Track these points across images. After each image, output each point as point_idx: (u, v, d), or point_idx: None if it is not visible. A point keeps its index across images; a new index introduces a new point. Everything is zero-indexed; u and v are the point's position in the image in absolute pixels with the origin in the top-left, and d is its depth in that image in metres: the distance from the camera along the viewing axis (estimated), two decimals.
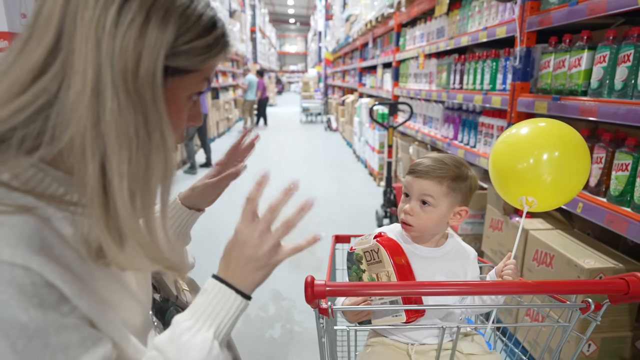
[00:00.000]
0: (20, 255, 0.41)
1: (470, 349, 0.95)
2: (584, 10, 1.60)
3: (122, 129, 0.44)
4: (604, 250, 1.64)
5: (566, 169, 0.98)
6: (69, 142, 0.44)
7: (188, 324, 0.53)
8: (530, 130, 1.03)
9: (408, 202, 0.98)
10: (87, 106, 0.43)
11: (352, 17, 7.89)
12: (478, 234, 2.51)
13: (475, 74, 2.63)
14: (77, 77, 0.43)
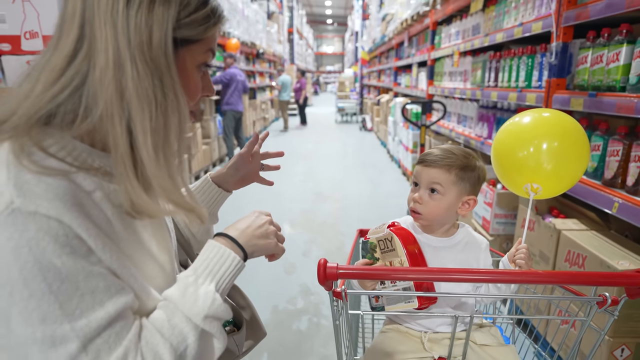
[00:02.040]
0: (55, 208, 0.48)
1: (484, 340, 0.95)
2: (622, 3, 1.54)
3: (143, 92, 0.52)
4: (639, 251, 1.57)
5: (566, 156, 0.98)
6: (101, 112, 0.52)
7: (192, 279, 0.59)
8: (532, 119, 1.03)
9: (417, 191, 1.00)
10: (112, 78, 0.51)
11: (388, 16, 7.85)
12: (510, 235, 2.46)
13: (510, 71, 2.57)
14: (100, 55, 0.51)
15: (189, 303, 0.57)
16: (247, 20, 8.25)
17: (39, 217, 0.47)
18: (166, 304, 0.58)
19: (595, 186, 1.70)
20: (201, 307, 0.57)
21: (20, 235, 0.46)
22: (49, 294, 0.47)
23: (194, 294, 0.57)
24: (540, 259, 1.96)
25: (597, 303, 0.83)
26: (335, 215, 4.04)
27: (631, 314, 1.46)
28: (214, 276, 0.60)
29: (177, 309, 0.56)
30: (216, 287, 0.59)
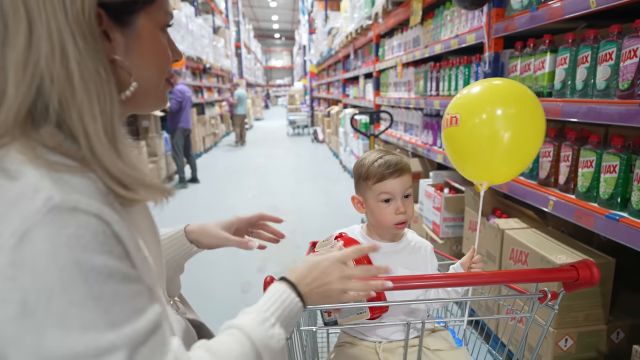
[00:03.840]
0: (94, 204, 0.44)
1: (436, 345, 0.97)
2: (544, 15, 1.66)
3: (87, 74, 0.48)
4: (576, 246, 1.68)
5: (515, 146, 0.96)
6: (58, 107, 0.48)
7: (268, 314, 0.60)
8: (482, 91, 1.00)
9: (393, 204, 0.99)
10: (59, 65, 0.47)
11: (334, 30, 8.03)
12: (459, 237, 2.54)
13: (449, 80, 2.69)
14: (43, 42, 0.47)
15: (264, 336, 0.57)
16: (192, 35, 8.10)
17: (78, 213, 0.43)
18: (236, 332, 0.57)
19: (531, 186, 1.80)
20: (274, 345, 0.58)
21: (59, 234, 0.41)
22: (91, 299, 0.42)
23: (270, 329, 0.58)
24: (487, 259, 2.04)
25: (539, 299, 0.87)
26: (291, 228, 4.01)
27: (572, 305, 1.55)
28: (283, 322, 0.61)
29: (249, 337, 0.56)
30: (284, 332, 0.61)
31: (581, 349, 1.57)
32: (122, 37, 0.54)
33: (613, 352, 1.60)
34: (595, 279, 0.81)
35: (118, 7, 0.52)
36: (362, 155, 1.07)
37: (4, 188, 0.43)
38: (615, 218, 1.33)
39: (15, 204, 0.42)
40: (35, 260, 0.41)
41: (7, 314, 0.40)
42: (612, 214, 1.36)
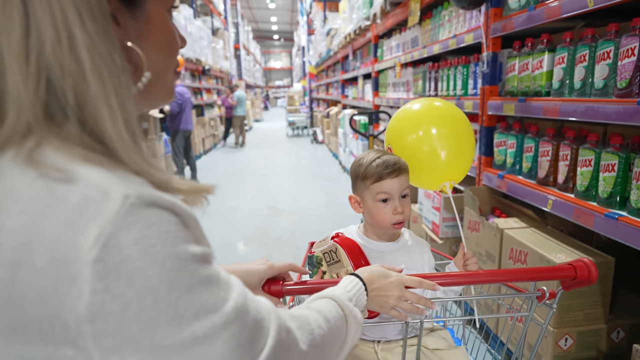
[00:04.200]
0: (164, 198, 0.41)
1: (435, 344, 0.97)
2: (542, 15, 1.66)
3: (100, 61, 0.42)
4: (575, 245, 1.68)
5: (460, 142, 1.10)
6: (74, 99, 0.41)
7: (349, 295, 0.68)
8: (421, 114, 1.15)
9: (391, 204, 0.99)
10: (68, 52, 0.41)
11: (333, 31, 8.03)
12: (458, 237, 2.54)
13: (448, 80, 2.69)
14: (46, 27, 0.40)
15: (351, 310, 0.65)
16: (190, 37, 8.11)
17: (157, 209, 0.40)
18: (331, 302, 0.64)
19: (530, 185, 1.80)
20: (354, 319, 0.65)
21: (147, 234, 0.38)
22: (195, 286, 0.41)
23: (353, 306, 0.66)
24: (487, 259, 2.04)
25: (537, 297, 0.87)
26: (291, 230, 4.00)
27: (571, 304, 1.55)
28: (356, 306, 0.69)
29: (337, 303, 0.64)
30: None
31: (581, 348, 1.57)
32: (132, 21, 0.48)
33: (613, 352, 1.60)
34: (592, 277, 0.82)
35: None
36: (359, 155, 1.07)
37: (60, 193, 0.38)
38: (614, 217, 1.33)
39: (84, 211, 0.37)
40: (129, 267, 0.37)
41: (110, 328, 0.37)
42: (611, 213, 1.36)
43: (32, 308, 0.37)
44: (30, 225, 0.37)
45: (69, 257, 0.36)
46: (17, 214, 0.37)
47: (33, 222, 0.37)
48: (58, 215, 0.37)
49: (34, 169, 0.38)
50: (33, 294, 0.36)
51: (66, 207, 0.37)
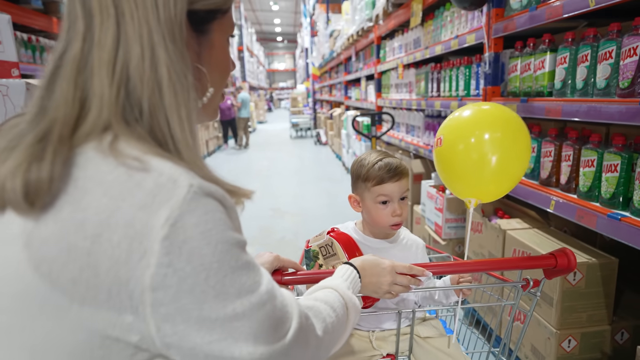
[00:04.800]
0: (217, 190, 0.47)
1: (427, 333, 1.02)
2: (543, 15, 1.66)
3: (175, 77, 0.49)
4: (578, 246, 1.67)
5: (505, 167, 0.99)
6: (148, 108, 0.48)
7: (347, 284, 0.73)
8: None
9: (390, 206, 1.02)
10: (149, 68, 0.48)
11: (335, 33, 8.04)
12: (461, 238, 2.53)
13: (450, 81, 2.69)
14: (134, 45, 0.47)
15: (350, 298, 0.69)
16: None
17: (212, 199, 0.46)
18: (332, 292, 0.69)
19: (533, 186, 1.79)
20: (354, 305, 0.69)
21: (205, 219, 0.45)
22: (238, 268, 0.47)
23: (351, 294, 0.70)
24: None
25: (522, 286, 0.93)
26: (294, 231, 4.00)
27: (574, 305, 1.54)
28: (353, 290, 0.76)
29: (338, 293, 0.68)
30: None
31: (585, 350, 1.56)
32: (198, 45, 0.56)
33: (617, 353, 1.59)
34: (572, 265, 0.86)
35: (203, 15, 0.54)
36: (360, 155, 1.09)
37: (137, 179, 0.44)
38: (617, 217, 1.32)
39: (157, 195, 0.43)
40: (190, 246, 0.43)
41: (166, 297, 0.43)
42: (614, 214, 1.35)
43: (105, 276, 0.42)
44: (111, 206, 0.43)
45: (142, 233, 0.42)
46: (101, 196, 0.43)
47: (114, 203, 0.43)
48: (134, 198, 0.43)
49: (114, 158, 0.45)
50: (107, 264, 0.42)
51: (142, 192, 0.43)
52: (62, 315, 0.43)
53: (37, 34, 3.31)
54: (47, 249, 0.43)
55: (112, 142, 0.46)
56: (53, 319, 0.43)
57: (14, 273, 0.43)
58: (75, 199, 0.43)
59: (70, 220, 0.43)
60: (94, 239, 0.42)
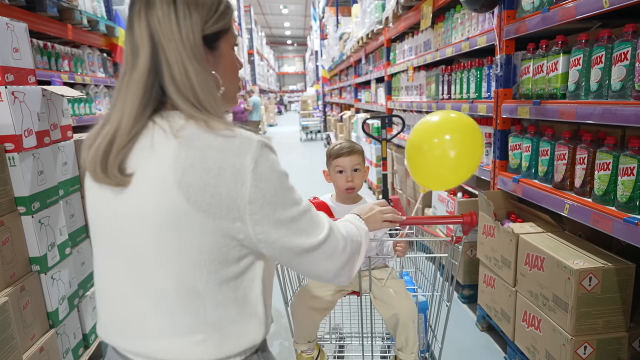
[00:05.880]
0: (270, 142, 0.74)
1: (381, 275, 1.46)
2: (556, 16, 1.64)
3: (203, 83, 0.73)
4: (593, 250, 1.64)
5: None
6: (199, 104, 0.73)
7: (355, 217, 0.99)
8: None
9: (344, 175, 1.48)
10: (186, 81, 0.72)
11: (345, 35, 8.04)
12: (473, 242, 2.51)
13: (461, 83, 2.67)
14: (174, 66, 0.72)
15: (363, 230, 0.94)
16: None
17: (268, 148, 0.72)
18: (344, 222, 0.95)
19: (547, 189, 1.77)
20: (366, 238, 0.94)
21: (268, 159, 0.71)
22: (289, 189, 0.74)
23: (364, 227, 0.96)
24: (502, 264, 2.00)
25: (448, 241, 1.29)
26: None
27: (589, 311, 1.51)
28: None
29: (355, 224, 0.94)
30: None
31: (601, 357, 1.53)
32: (213, 58, 0.78)
33: None
34: (473, 222, 1.17)
35: (212, 37, 0.76)
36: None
37: (231, 141, 0.69)
38: (634, 222, 1.30)
39: (243, 148, 0.69)
40: (265, 175, 0.70)
41: (257, 207, 0.69)
42: (630, 218, 1.32)
43: (224, 199, 0.68)
44: (222, 157, 0.68)
45: (240, 170, 0.68)
46: (215, 152, 0.68)
47: (223, 156, 0.68)
48: (232, 151, 0.69)
49: (212, 132, 0.69)
50: (225, 191, 0.68)
51: (235, 147, 0.69)
52: (203, 226, 0.68)
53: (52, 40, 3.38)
54: (192, 188, 0.67)
55: (205, 121, 0.70)
56: (197, 229, 0.68)
57: (173, 205, 0.67)
58: (201, 158, 0.68)
59: (201, 168, 0.67)
60: (217, 177, 0.67)
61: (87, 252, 2.13)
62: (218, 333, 0.71)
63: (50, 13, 2.87)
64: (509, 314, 1.98)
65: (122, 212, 0.71)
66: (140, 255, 0.70)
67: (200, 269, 0.69)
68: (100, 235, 0.76)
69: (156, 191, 0.67)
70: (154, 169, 0.68)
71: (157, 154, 0.69)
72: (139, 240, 0.70)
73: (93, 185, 0.74)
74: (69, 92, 1.90)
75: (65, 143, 1.95)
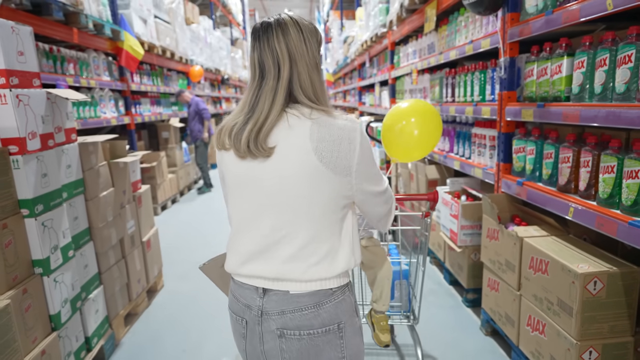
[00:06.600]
0: None
1: (367, 244, 1.58)
2: (559, 19, 1.63)
3: (318, 83, 1.02)
4: (598, 254, 1.62)
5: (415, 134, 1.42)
6: (314, 99, 1.01)
7: None
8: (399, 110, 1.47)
9: None
10: (309, 83, 1.00)
11: (349, 39, 8.05)
12: (477, 245, 2.49)
13: (465, 86, 2.66)
14: (303, 76, 0.99)
15: None
16: (210, 47, 8.27)
17: (364, 131, 1.01)
18: None
19: (551, 192, 1.75)
20: None
21: (365, 135, 1.00)
22: (373, 156, 1.03)
23: None
24: (506, 268, 1.99)
25: (420, 216, 1.67)
26: None
27: (595, 316, 1.49)
28: None
29: None
30: None
31: None
32: (317, 70, 1.06)
33: None
34: (436, 199, 1.53)
35: (319, 56, 1.05)
36: None
37: (346, 123, 0.98)
38: (639, 225, 1.28)
39: (354, 128, 0.98)
40: (365, 145, 0.99)
41: (360, 166, 0.98)
42: (635, 221, 1.31)
43: (343, 161, 0.96)
44: (342, 132, 0.96)
45: (353, 141, 0.97)
46: (337, 129, 0.96)
47: (342, 131, 0.96)
48: (348, 128, 0.97)
49: (333, 117, 0.98)
50: (343, 155, 0.96)
51: (349, 126, 0.98)
52: (328, 178, 0.96)
53: (58, 44, 3.41)
54: (324, 153, 0.95)
55: (326, 112, 0.99)
56: (325, 180, 0.96)
57: (311, 163, 0.95)
58: (329, 133, 0.96)
59: (329, 140, 0.95)
60: (339, 146, 0.96)
61: (90, 254, 2.14)
62: (332, 255, 1.01)
63: (56, 17, 2.90)
64: (513, 318, 1.96)
65: (267, 174, 0.97)
66: (285, 204, 0.98)
67: (329, 209, 0.99)
68: (243, 193, 1.02)
69: (298, 154, 0.95)
70: (295, 140, 0.95)
71: (296, 131, 0.96)
72: (284, 192, 0.97)
73: (235, 160, 1.01)
74: (73, 95, 1.92)
75: (70, 146, 1.96)
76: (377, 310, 1.60)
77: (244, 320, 1.04)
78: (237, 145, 0.98)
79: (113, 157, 2.55)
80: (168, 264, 3.53)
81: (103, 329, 2.16)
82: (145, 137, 5.94)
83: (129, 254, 2.59)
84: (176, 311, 2.79)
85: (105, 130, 4.56)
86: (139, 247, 2.77)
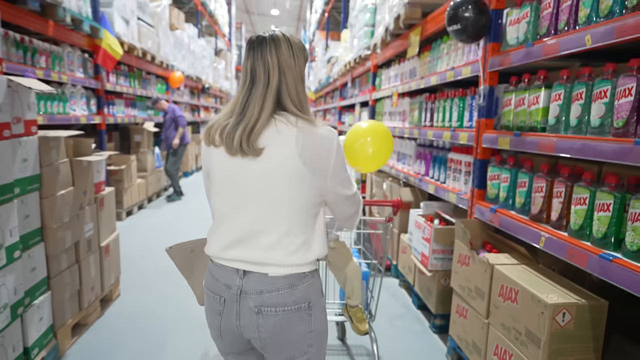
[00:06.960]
0: None
1: (335, 246, 1.76)
2: (539, 51, 1.67)
3: (301, 91, 1.14)
4: (567, 285, 1.62)
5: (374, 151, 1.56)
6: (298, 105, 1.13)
7: None
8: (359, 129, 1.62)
9: None
10: (295, 91, 1.12)
11: (333, 59, 8.15)
12: (447, 270, 2.47)
13: (444, 111, 2.69)
14: (290, 85, 1.11)
15: None
16: (193, 55, 8.18)
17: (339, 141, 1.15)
18: None
19: (523, 221, 1.76)
20: None
21: (339, 144, 1.13)
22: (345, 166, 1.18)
23: None
24: (476, 295, 1.97)
25: (384, 221, 1.84)
26: None
27: (562, 348, 1.47)
28: None
29: None
30: None
31: None
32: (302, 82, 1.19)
33: None
34: (399, 205, 1.81)
35: (304, 70, 1.16)
36: None
37: (326, 131, 1.12)
38: (609, 258, 1.28)
39: (332, 137, 1.12)
40: (340, 153, 1.13)
41: (334, 170, 1.13)
42: (605, 254, 1.31)
43: (322, 164, 1.10)
44: (323, 140, 1.11)
45: (331, 149, 1.12)
46: (319, 138, 1.10)
47: (322, 140, 1.11)
48: (327, 137, 1.12)
49: (315, 126, 1.11)
50: (322, 159, 1.10)
51: (328, 135, 1.12)
52: (309, 180, 1.09)
53: (31, 35, 3.26)
54: (307, 157, 1.07)
55: (307, 120, 1.10)
56: (306, 182, 1.09)
57: (296, 166, 1.07)
58: (312, 140, 1.08)
59: (312, 146, 1.08)
60: (320, 151, 1.09)
61: (40, 256, 1.99)
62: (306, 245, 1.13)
63: (32, 7, 2.78)
64: (480, 346, 1.93)
65: (255, 171, 1.08)
66: (269, 199, 1.09)
67: (306, 206, 1.11)
68: (230, 187, 1.12)
69: (284, 158, 1.06)
70: (281, 145, 1.07)
71: (283, 136, 1.07)
72: (268, 189, 1.08)
73: (225, 156, 1.10)
74: (38, 85, 1.81)
75: (28, 139, 1.84)
76: (352, 305, 1.82)
77: (222, 298, 1.13)
78: (229, 143, 1.07)
79: (77, 154, 2.42)
80: (127, 272, 3.35)
81: (46, 339, 1.99)
82: (117, 139, 5.75)
83: (83, 259, 2.44)
84: (131, 322, 2.62)
85: (74, 128, 4.37)
86: (95, 253, 2.61)
